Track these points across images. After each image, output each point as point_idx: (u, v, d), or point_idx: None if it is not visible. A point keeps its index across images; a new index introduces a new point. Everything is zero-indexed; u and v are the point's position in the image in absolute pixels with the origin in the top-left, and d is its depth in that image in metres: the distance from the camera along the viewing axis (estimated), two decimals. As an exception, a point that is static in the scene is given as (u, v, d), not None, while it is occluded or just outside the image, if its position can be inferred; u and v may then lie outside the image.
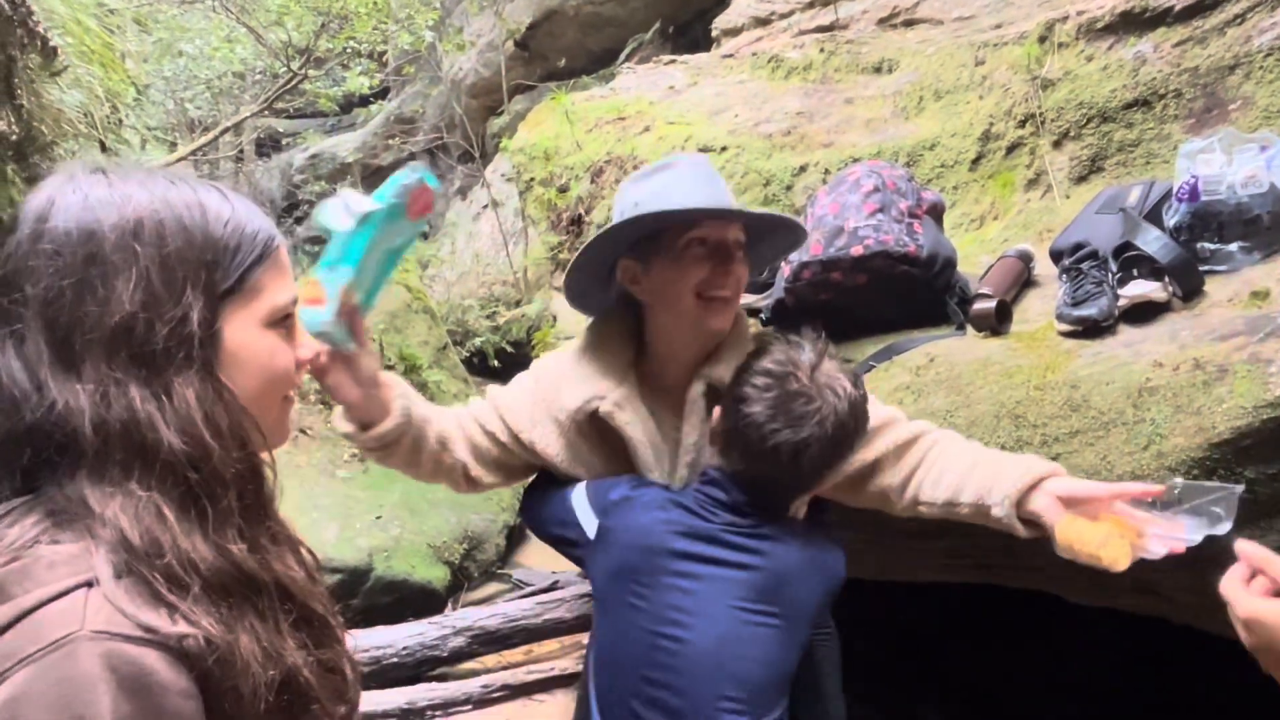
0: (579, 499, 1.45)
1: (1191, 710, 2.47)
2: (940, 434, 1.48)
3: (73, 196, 0.75)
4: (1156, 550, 1.15)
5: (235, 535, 0.74)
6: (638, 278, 1.41)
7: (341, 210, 1.12)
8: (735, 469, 1.33)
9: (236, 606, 0.71)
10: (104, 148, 3.86)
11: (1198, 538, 1.15)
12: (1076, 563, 1.21)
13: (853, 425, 1.30)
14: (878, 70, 3.44)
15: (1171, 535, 1.15)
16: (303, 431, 4.27)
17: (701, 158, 1.41)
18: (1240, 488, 1.17)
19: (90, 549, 0.68)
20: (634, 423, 1.43)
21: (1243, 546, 0.94)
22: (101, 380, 0.71)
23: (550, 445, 1.48)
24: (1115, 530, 1.15)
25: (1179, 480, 1.23)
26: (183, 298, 0.74)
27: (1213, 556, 1.46)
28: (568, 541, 1.47)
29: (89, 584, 0.66)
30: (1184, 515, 1.17)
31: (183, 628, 0.67)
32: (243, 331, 0.79)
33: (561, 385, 1.47)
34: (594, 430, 1.47)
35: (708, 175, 1.40)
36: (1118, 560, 1.14)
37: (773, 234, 1.48)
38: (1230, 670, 2.40)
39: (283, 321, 0.83)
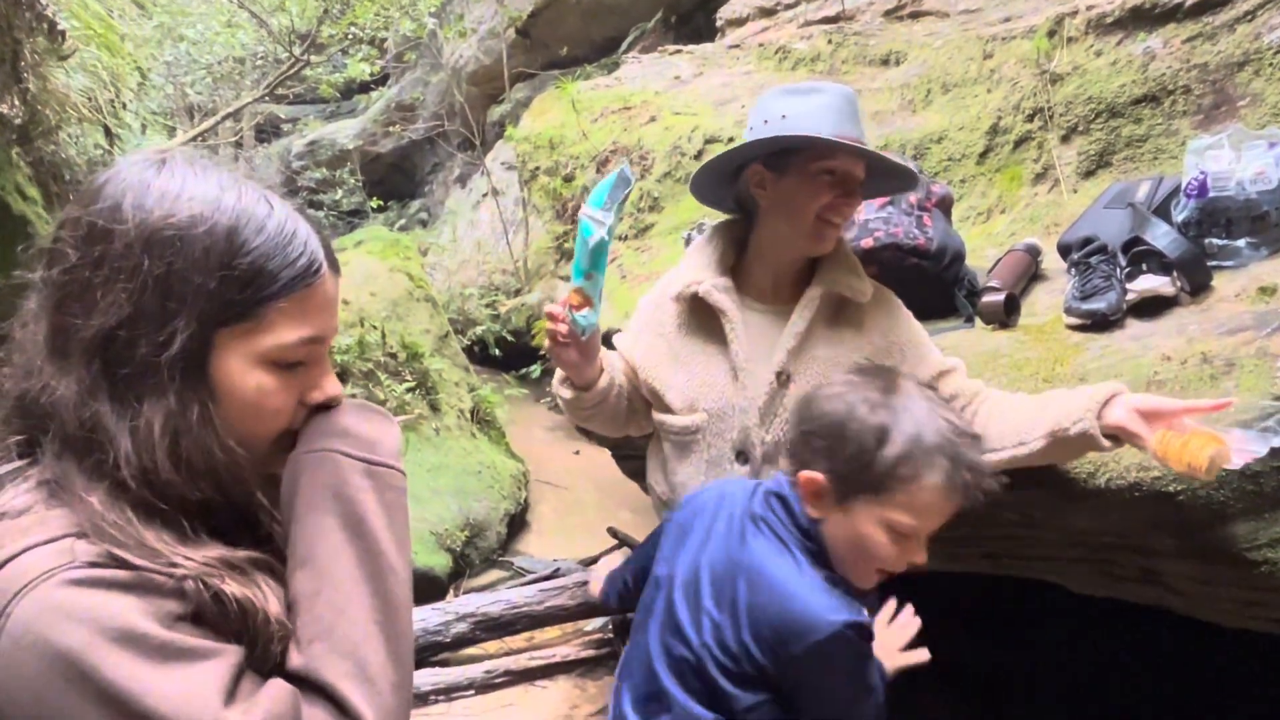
0: None
1: (1195, 701, 2.50)
2: (994, 391, 1.54)
3: (116, 187, 0.71)
4: (1236, 462, 1.19)
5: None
6: (765, 183, 1.51)
7: (594, 225, 1.38)
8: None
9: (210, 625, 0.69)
10: (108, 132, 3.85)
11: (1263, 449, 1.19)
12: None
13: (846, 426, 1.18)
14: (885, 62, 3.44)
15: (1243, 448, 1.19)
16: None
17: (851, 91, 1.50)
18: None
19: (71, 520, 0.68)
20: (732, 309, 1.54)
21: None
22: (81, 380, 0.70)
23: (650, 353, 1.62)
24: (1210, 442, 1.19)
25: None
26: (171, 321, 0.70)
27: (1218, 551, 1.49)
28: None
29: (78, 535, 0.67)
30: (1241, 429, 1.22)
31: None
32: (233, 364, 0.74)
33: (669, 283, 1.62)
34: (695, 321, 1.59)
35: (855, 110, 1.49)
36: (1211, 471, 1.19)
37: (885, 177, 1.57)
38: (1233, 661, 2.43)
39: (288, 361, 0.77)
